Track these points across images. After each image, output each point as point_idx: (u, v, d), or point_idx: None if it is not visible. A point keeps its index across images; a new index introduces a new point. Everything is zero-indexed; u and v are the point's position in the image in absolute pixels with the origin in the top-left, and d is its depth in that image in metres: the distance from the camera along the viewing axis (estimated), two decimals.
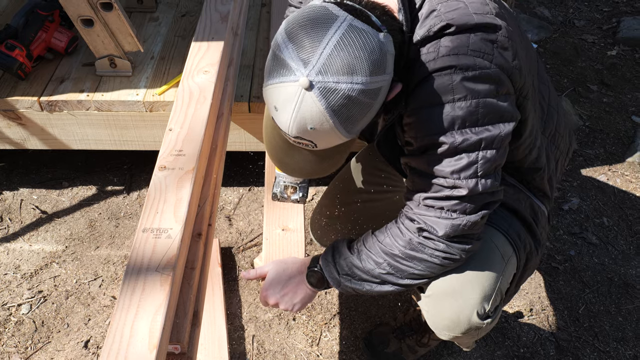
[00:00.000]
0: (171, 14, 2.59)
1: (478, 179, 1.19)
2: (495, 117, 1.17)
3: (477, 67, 1.14)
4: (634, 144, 2.64)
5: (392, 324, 1.94)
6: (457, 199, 1.21)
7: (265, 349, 1.92)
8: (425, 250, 1.27)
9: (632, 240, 2.26)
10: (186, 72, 1.73)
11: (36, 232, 2.30)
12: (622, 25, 3.38)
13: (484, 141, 1.17)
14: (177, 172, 1.37)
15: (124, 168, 2.57)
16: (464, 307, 1.37)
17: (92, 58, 2.22)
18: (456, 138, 1.16)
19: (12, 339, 1.94)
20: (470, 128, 1.16)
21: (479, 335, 1.51)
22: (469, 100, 1.14)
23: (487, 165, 1.19)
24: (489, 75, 1.15)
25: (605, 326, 1.99)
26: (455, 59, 1.13)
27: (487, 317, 1.38)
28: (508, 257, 1.40)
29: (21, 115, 2.17)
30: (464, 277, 1.36)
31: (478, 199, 1.22)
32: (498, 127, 1.17)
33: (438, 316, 1.44)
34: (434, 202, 1.23)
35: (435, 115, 1.16)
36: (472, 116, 1.15)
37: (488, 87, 1.15)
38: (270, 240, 1.48)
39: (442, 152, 1.18)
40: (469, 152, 1.17)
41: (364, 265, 1.32)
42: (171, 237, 1.20)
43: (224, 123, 1.80)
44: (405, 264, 1.29)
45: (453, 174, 1.18)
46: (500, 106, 1.17)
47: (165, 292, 1.09)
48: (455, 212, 1.22)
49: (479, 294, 1.36)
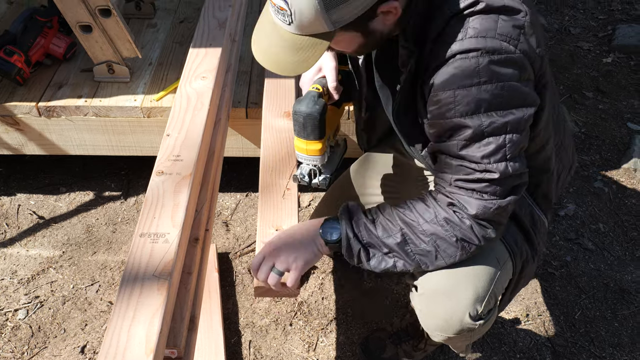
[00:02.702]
0: (169, 20, 2.60)
1: (507, 162, 1.21)
2: (519, 100, 1.19)
3: (503, 51, 1.15)
4: (629, 150, 2.66)
5: (388, 330, 1.95)
6: (488, 182, 1.22)
7: (261, 354, 1.92)
8: (447, 226, 1.27)
9: (627, 246, 2.27)
10: (184, 78, 1.74)
11: (33, 237, 2.30)
12: (618, 32, 3.40)
13: (510, 124, 1.18)
14: (175, 177, 1.38)
15: (122, 174, 2.57)
16: (456, 308, 1.37)
17: (90, 64, 2.23)
18: (483, 121, 1.18)
19: (8, 344, 1.94)
20: (495, 111, 1.17)
21: (472, 338, 1.52)
22: (495, 84, 1.16)
23: (514, 148, 1.21)
24: (514, 60, 1.16)
25: (601, 332, 2.00)
26: (482, 41, 1.15)
27: (479, 318, 1.39)
28: (504, 261, 1.41)
29: (19, 121, 2.18)
30: (458, 277, 1.37)
31: (507, 182, 1.24)
32: (522, 111, 1.19)
33: (430, 315, 1.45)
34: (465, 184, 1.25)
35: (461, 98, 1.17)
36: (498, 99, 1.16)
37: (512, 71, 1.17)
38: (263, 240, 1.48)
39: (470, 137, 1.20)
40: (496, 136, 1.19)
41: (377, 231, 1.30)
42: (168, 242, 1.21)
43: (222, 129, 1.81)
44: (421, 238, 1.28)
45: (483, 158, 1.20)
46: (523, 90, 1.19)
47: (162, 297, 1.10)
48: (487, 194, 1.24)
49: (472, 294, 1.36)
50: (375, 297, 2.09)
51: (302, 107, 1.41)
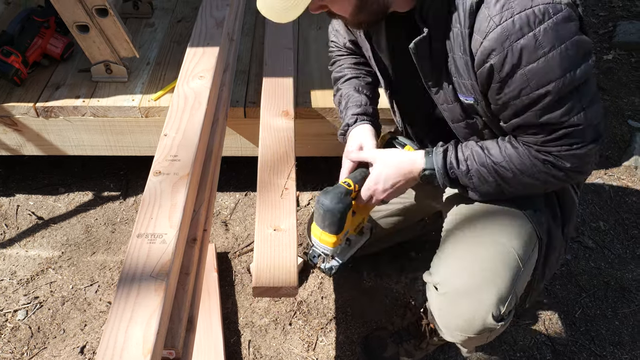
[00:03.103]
0: (167, 19, 2.59)
1: (585, 111, 1.22)
2: (582, 52, 1.19)
3: (551, 14, 1.15)
4: (630, 148, 2.65)
5: (389, 328, 1.94)
6: (574, 135, 1.24)
7: (261, 353, 1.92)
8: (542, 175, 1.32)
9: (628, 244, 2.27)
10: (181, 77, 1.73)
11: (32, 238, 2.30)
12: (618, 29, 3.39)
13: (580, 79, 1.19)
14: (172, 177, 1.37)
15: (120, 174, 2.57)
16: (479, 308, 1.38)
17: (87, 64, 2.22)
18: (557, 87, 1.18)
19: (8, 345, 1.93)
20: (567, 73, 1.18)
21: (489, 338, 1.52)
22: (558, 48, 1.16)
23: (589, 97, 1.22)
24: (565, 17, 1.17)
25: (601, 330, 1.99)
26: (532, 13, 1.15)
27: (501, 319, 1.39)
28: (525, 259, 1.42)
29: (17, 122, 2.18)
30: (481, 278, 1.38)
31: (591, 128, 1.25)
32: (586, 60, 1.20)
33: (452, 315, 1.44)
34: (553, 142, 1.27)
35: (532, 74, 1.18)
36: (565, 60, 1.17)
37: (567, 28, 1.17)
38: (261, 240, 1.47)
39: (547, 104, 1.21)
40: (571, 93, 1.20)
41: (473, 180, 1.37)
42: (166, 243, 1.20)
43: (220, 128, 1.81)
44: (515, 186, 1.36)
45: (563, 116, 1.22)
46: (583, 40, 1.19)
47: (159, 298, 1.09)
48: (576, 144, 1.25)
49: (495, 295, 1.37)
50: (375, 297, 2.08)
51: (327, 201, 1.43)
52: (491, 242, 1.42)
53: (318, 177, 2.50)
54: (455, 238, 1.48)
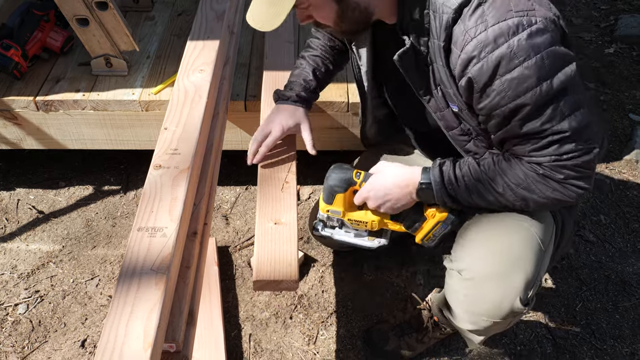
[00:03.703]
0: (167, 13, 2.58)
1: (568, 119, 1.22)
2: (560, 62, 1.20)
3: (525, 25, 1.17)
4: (631, 141, 2.64)
5: (391, 322, 1.95)
6: (559, 142, 1.24)
7: (262, 347, 1.92)
8: (539, 186, 1.30)
9: (629, 238, 2.26)
10: (181, 71, 1.73)
11: (33, 232, 2.30)
12: (620, 23, 3.38)
13: (557, 88, 1.19)
14: (173, 170, 1.37)
15: (121, 167, 2.56)
16: (508, 292, 1.40)
17: (87, 57, 2.21)
18: (535, 95, 1.19)
19: (9, 339, 1.94)
20: (544, 82, 1.18)
21: (510, 324, 1.55)
22: (534, 57, 1.17)
23: (571, 105, 1.21)
24: (540, 29, 1.18)
25: (602, 324, 1.99)
26: (505, 25, 1.17)
27: (527, 303, 1.41)
28: (547, 243, 1.44)
29: (17, 115, 2.17)
30: (509, 262, 1.40)
31: (578, 136, 1.24)
32: (566, 70, 1.20)
33: (479, 300, 1.46)
34: (539, 152, 1.26)
35: (509, 83, 1.19)
36: (542, 70, 1.18)
37: (543, 38, 1.18)
38: (262, 233, 1.47)
39: (527, 113, 1.21)
40: (550, 102, 1.20)
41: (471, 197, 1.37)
42: (166, 236, 1.20)
43: (220, 122, 1.80)
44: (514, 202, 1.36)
45: (543, 125, 1.22)
46: (560, 51, 1.20)
47: (160, 291, 1.09)
48: (564, 154, 1.25)
49: (523, 279, 1.39)
50: (376, 290, 2.08)
51: (330, 177, 1.50)
52: (515, 226, 1.43)
53: (319, 171, 2.49)
54: (477, 225, 1.49)
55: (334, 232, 1.60)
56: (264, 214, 1.53)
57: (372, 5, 1.32)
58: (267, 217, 1.52)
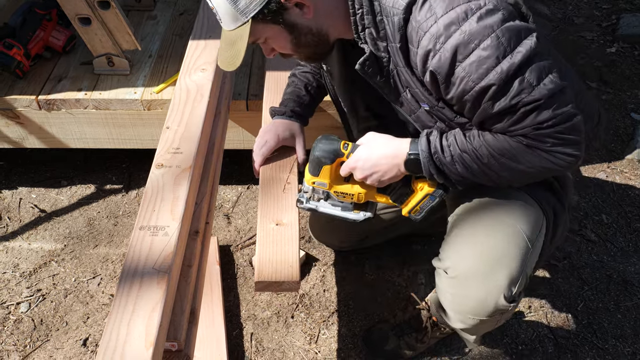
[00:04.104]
0: (169, 12, 2.59)
1: (538, 87, 1.21)
2: (517, 36, 1.20)
3: (474, 9, 1.19)
4: (633, 141, 2.64)
5: (391, 321, 1.95)
6: (533, 112, 1.22)
7: (263, 346, 1.92)
8: (526, 156, 1.29)
9: (631, 238, 2.26)
10: (183, 70, 1.73)
11: (35, 230, 2.30)
12: (622, 22, 3.37)
13: (520, 61, 1.19)
14: (174, 170, 1.37)
15: (123, 166, 2.57)
16: (491, 289, 1.39)
17: (90, 56, 2.22)
18: (498, 74, 1.19)
19: (11, 337, 1.94)
20: (504, 59, 1.19)
21: (499, 322, 1.54)
22: (488, 38, 1.18)
23: (538, 74, 1.21)
24: (489, 10, 1.19)
25: (604, 323, 1.99)
26: (454, 13, 1.18)
27: (513, 300, 1.41)
28: (533, 239, 1.43)
29: (19, 114, 2.18)
30: (492, 259, 1.40)
31: (553, 101, 1.23)
32: (525, 43, 1.20)
33: (464, 298, 1.46)
34: (517, 125, 1.25)
35: (469, 67, 1.19)
36: (499, 48, 1.18)
37: (494, 17, 1.19)
38: (263, 234, 1.47)
39: (495, 93, 1.21)
40: (514, 77, 1.20)
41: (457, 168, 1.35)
42: (168, 235, 1.21)
43: (222, 121, 1.80)
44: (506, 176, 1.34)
45: (513, 99, 1.21)
46: (515, 26, 1.20)
47: (161, 290, 1.09)
48: (542, 123, 1.24)
49: (506, 276, 1.38)
50: (377, 290, 2.09)
51: (317, 147, 1.46)
52: (499, 223, 1.43)
53: None
54: (463, 222, 1.49)
55: (319, 205, 1.56)
56: (265, 214, 1.53)
57: (324, 26, 1.33)
58: (268, 218, 1.52)
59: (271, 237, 1.47)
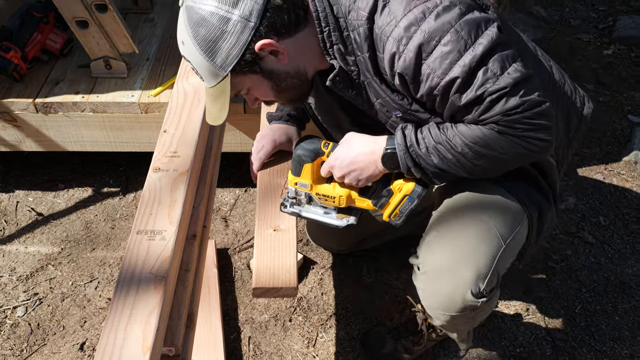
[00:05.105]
0: (167, 15, 2.58)
1: (502, 76, 1.22)
2: (476, 28, 1.22)
3: (430, 8, 1.22)
4: (630, 143, 2.65)
5: (388, 325, 1.95)
6: (501, 99, 1.23)
7: (261, 350, 1.92)
8: (499, 143, 1.29)
9: (628, 240, 2.26)
10: (181, 73, 1.73)
11: (32, 234, 2.30)
12: (618, 24, 3.38)
13: (484, 52, 1.21)
14: (172, 173, 1.37)
15: (120, 170, 2.56)
16: (458, 284, 1.40)
17: (87, 60, 2.21)
18: (461, 67, 1.21)
19: (7, 342, 1.93)
20: (466, 53, 1.20)
21: (474, 319, 1.54)
22: (448, 32, 1.20)
23: (501, 63, 1.22)
24: (445, 6, 1.22)
25: (601, 325, 1.99)
26: (412, 15, 1.21)
27: (482, 296, 1.41)
28: (507, 236, 1.43)
29: (16, 117, 2.17)
30: (460, 255, 1.41)
31: (519, 89, 1.23)
32: (486, 35, 1.22)
33: (433, 293, 1.48)
34: (487, 113, 1.25)
35: (433, 62, 1.22)
36: (460, 42, 1.20)
37: (452, 13, 1.22)
38: (261, 240, 1.47)
39: (460, 85, 1.22)
40: (477, 68, 1.22)
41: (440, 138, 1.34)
42: (165, 239, 1.20)
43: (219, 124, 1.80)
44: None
45: (479, 90, 1.22)
46: (474, 18, 1.23)
47: (159, 295, 1.09)
48: (511, 110, 1.24)
49: (474, 271, 1.39)
50: (375, 292, 2.08)
51: (300, 147, 1.47)
52: (471, 220, 1.44)
53: None
54: (439, 220, 1.51)
55: (302, 210, 1.55)
56: (263, 220, 1.52)
57: (301, 65, 1.35)
58: (266, 224, 1.51)
59: (269, 243, 1.47)
